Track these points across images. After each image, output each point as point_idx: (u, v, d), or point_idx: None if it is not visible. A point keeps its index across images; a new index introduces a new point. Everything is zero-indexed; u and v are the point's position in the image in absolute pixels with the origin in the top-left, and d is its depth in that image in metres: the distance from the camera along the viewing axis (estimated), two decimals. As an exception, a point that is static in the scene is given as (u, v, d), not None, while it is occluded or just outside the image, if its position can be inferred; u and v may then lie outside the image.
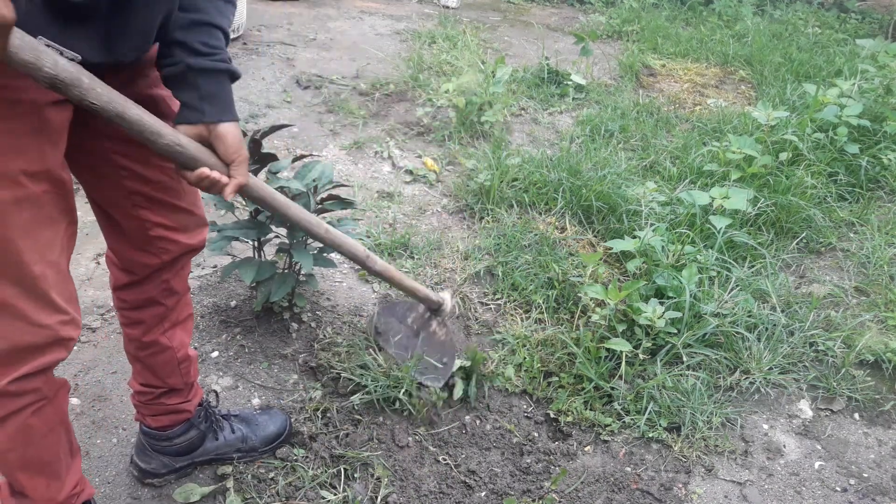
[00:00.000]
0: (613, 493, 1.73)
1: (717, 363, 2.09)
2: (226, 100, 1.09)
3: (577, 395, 1.98)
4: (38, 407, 1.14)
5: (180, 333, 1.46)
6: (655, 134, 3.58)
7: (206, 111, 1.07)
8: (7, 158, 0.94)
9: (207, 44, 1.05)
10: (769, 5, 6.51)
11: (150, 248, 1.29)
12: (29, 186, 0.97)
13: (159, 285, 1.36)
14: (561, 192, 2.82)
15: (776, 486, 1.79)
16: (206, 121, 1.07)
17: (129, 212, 1.23)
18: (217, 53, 1.07)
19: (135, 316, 1.39)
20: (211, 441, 1.64)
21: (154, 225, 1.26)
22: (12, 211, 0.96)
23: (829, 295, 2.50)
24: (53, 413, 1.19)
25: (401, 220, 2.76)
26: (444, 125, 3.54)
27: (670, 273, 2.27)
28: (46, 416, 1.16)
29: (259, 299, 2.08)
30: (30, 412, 1.13)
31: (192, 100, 1.06)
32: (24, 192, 0.97)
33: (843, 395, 2.08)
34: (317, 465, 1.69)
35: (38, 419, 1.15)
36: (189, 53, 1.04)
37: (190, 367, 1.51)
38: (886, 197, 3.17)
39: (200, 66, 1.05)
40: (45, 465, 1.22)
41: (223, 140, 1.09)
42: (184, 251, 1.33)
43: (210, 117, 1.07)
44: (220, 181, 1.10)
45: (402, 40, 4.90)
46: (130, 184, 1.20)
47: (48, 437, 1.20)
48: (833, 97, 3.37)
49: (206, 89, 1.06)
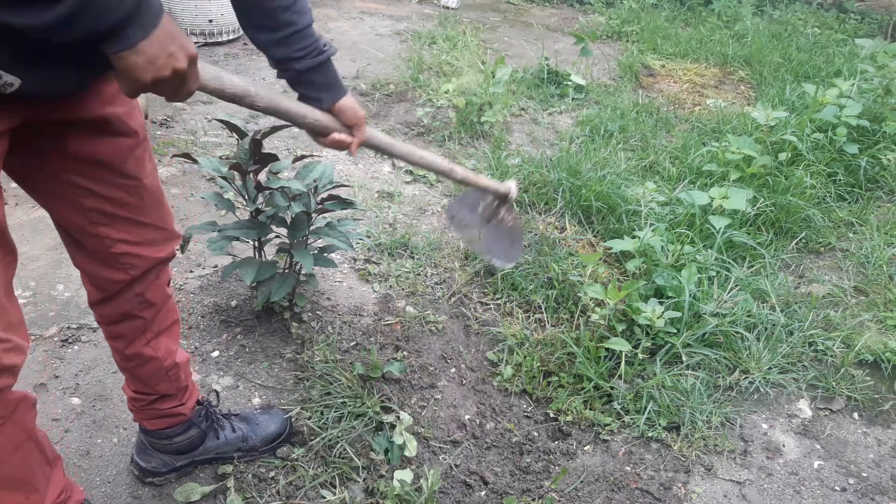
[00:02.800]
0: (613, 493, 1.73)
1: (717, 363, 2.10)
2: (334, 82, 1.27)
3: (576, 394, 1.98)
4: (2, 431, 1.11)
5: (165, 341, 1.44)
6: (655, 134, 3.59)
7: (324, 98, 1.26)
8: None
9: (303, 48, 1.22)
10: (768, 6, 6.51)
11: (114, 264, 1.27)
12: None
13: (133, 299, 1.33)
14: (561, 192, 2.83)
15: (775, 486, 1.80)
16: (324, 106, 1.27)
17: (87, 230, 1.21)
18: (312, 51, 1.23)
19: (114, 330, 1.38)
20: (211, 440, 1.64)
21: (116, 241, 1.24)
22: None
23: (829, 295, 2.51)
24: (15, 430, 1.15)
25: (401, 220, 2.76)
26: (444, 125, 3.55)
27: (670, 273, 2.28)
28: (8, 434, 1.14)
29: (259, 299, 2.08)
30: None
31: (310, 92, 1.26)
32: None
33: (843, 394, 2.08)
34: (317, 464, 1.69)
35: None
36: (294, 62, 1.22)
37: (179, 373, 1.49)
38: (885, 197, 3.17)
39: (304, 67, 1.23)
40: (19, 481, 1.20)
41: (343, 113, 1.29)
42: (152, 265, 1.31)
43: (328, 102, 1.27)
44: (346, 140, 1.31)
45: (403, 41, 4.90)
46: (88, 202, 1.18)
47: (16, 454, 1.17)
48: (832, 97, 3.37)
49: (316, 82, 1.25)
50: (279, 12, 1.16)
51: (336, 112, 1.28)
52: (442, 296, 2.35)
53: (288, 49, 1.21)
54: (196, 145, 3.11)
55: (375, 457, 1.70)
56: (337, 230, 1.97)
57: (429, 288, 2.38)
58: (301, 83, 1.26)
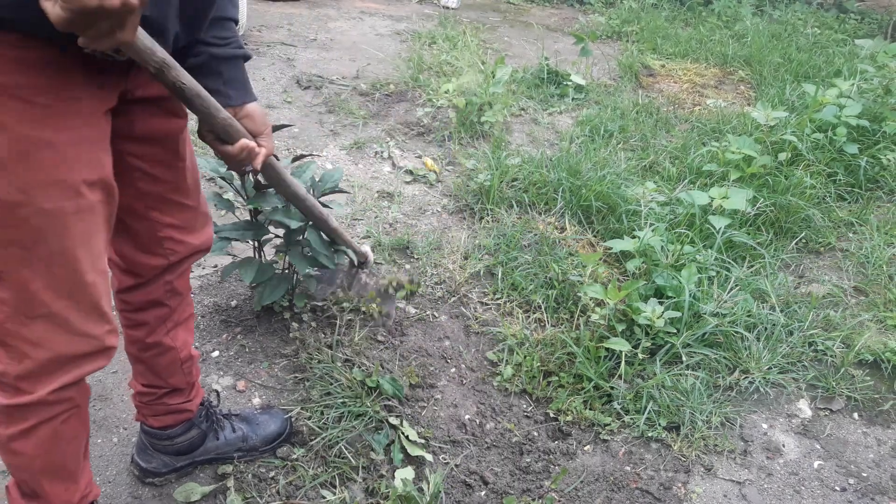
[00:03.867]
0: (613, 493, 1.73)
1: (717, 363, 2.10)
2: (245, 81, 1.20)
3: (576, 394, 1.98)
4: (68, 415, 1.15)
5: (183, 333, 1.47)
6: (655, 134, 3.59)
7: (233, 95, 1.17)
8: (72, 168, 0.95)
9: (223, 37, 1.15)
10: (768, 6, 6.52)
11: (158, 249, 1.30)
12: (88, 196, 0.99)
13: (162, 287, 1.37)
14: (561, 192, 2.83)
15: (775, 486, 1.80)
16: (232, 104, 1.18)
17: (141, 213, 1.25)
18: (232, 42, 1.16)
19: (138, 318, 1.40)
20: (212, 440, 1.64)
21: (164, 226, 1.28)
22: (74, 221, 0.98)
23: (829, 295, 2.51)
24: (79, 421, 1.20)
25: (401, 220, 2.76)
26: (444, 125, 3.55)
27: (670, 273, 2.28)
28: (73, 423, 1.18)
29: (257, 300, 2.08)
30: (60, 420, 1.14)
31: (218, 85, 1.16)
32: (84, 201, 0.98)
33: (843, 394, 2.08)
34: (317, 464, 1.69)
35: (66, 427, 1.16)
36: (211, 46, 1.14)
37: (192, 367, 1.52)
38: (885, 197, 3.17)
39: (222, 54, 1.15)
40: (67, 470, 1.24)
41: (252, 117, 1.20)
42: (190, 252, 1.35)
43: (236, 101, 1.18)
44: (255, 150, 1.22)
45: (403, 41, 4.90)
46: (143, 185, 1.22)
47: (72, 443, 1.21)
48: (832, 97, 3.37)
49: (228, 75, 1.16)
50: None
51: (243, 115, 1.20)
52: (442, 296, 2.35)
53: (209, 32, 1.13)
54: (195, 145, 3.12)
55: (375, 457, 1.71)
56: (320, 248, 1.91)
57: (429, 288, 2.38)
58: (211, 74, 1.15)
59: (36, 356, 1.04)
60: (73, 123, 0.95)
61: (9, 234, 0.96)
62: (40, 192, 0.93)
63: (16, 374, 1.06)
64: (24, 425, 1.11)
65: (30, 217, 0.94)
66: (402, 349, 2.09)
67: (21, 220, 0.95)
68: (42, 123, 0.92)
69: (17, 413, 1.10)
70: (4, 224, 0.95)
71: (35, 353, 1.04)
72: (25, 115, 0.91)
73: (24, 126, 0.91)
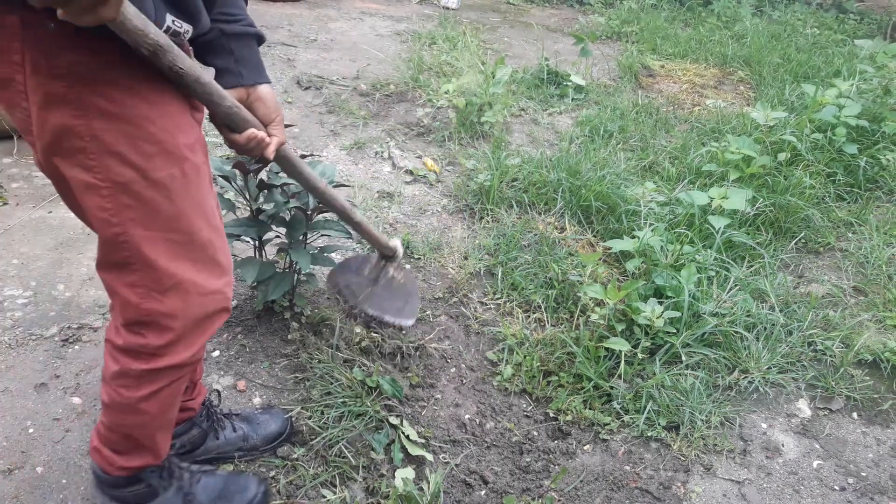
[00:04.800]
0: (612, 492, 1.73)
1: (716, 362, 2.10)
2: (258, 62, 1.14)
3: (576, 394, 1.98)
4: (187, 375, 1.21)
5: None
6: (654, 134, 3.59)
7: (244, 74, 1.12)
8: (172, 135, 0.98)
9: (231, 13, 1.11)
10: (768, 6, 6.52)
11: None
12: (191, 158, 1.02)
13: None
14: (560, 193, 2.83)
15: (775, 485, 1.80)
16: (244, 83, 1.12)
17: None
18: (244, 19, 1.12)
19: None
20: (212, 440, 1.65)
21: None
22: (183, 185, 1.00)
23: (828, 294, 2.51)
24: (181, 385, 1.25)
25: (401, 220, 2.77)
26: (444, 125, 3.55)
27: (669, 273, 2.28)
28: (178, 386, 1.23)
29: (259, 298, 2.08)
30: (181, 381, 1.20)
31: (229, 64, 1.11)
32: (188, 164, 1.01)
33: (842, 394, 2.09)
34: (317, 464, 1.70)
35: (181, 385, 1.23)
36: (221, 22, 1.10)
37: (200, 365, 1.56)
38: (885, 197, 3.17)
39: (232, 31, 1.10)
40: (170, 425, 1.31)
41: (263, 101, 1.14)
42: None
43: (248, 80, 1.12)
44: (265, 140, 1.15)
45: (403, 41, 4.91)
46: None
47: (177, 399, 1.27)
48: (831, 98, 3.38)
49: (239, 53, 1.11)
50: None
51: (254, 100, 1.15)
52: (442, 296, 2.35)
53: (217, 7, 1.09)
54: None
55: (376, 456, 1.71)
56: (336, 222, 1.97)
57: (429, 288, 2.38)
58: (222, 49, 1.11)
59: (176, 326, 1.08)
60: (159, 98, 0.98)
61: (129, 214, 0.99)
62: (150, 163, 0.96)
63: (158, 345, 1.10)
64: (153, 387, 1.16)
65: (143, 191, 0.97)
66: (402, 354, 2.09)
67: (136, 195, 0.98)
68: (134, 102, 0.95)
69: (149, 377, 1.14)
70: (123, 206, 0.98)
71: (174, 323, 1.08)
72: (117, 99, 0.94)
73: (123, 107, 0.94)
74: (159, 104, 0.98)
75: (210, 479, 1.49)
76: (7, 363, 1.92)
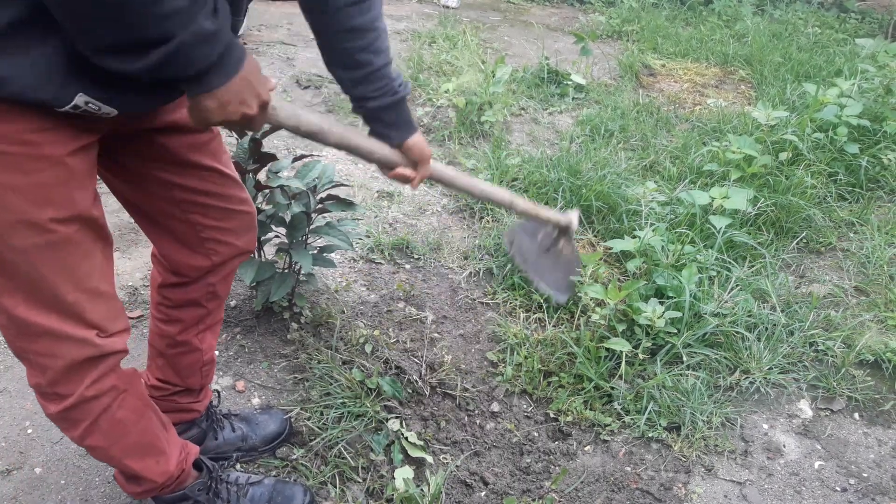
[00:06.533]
0: (613, 493, 1.73)
1: (717, 363, 2.10)
2: (406, 120, 1.29)
3: (576, 394, 1.98)
4: (120, 401, 1.20)
5: (210, 337, 1.50)
6: (655, 134, 3.58)
7: (393, 136, 1.28)
8: (36, 209, 0.97)
9: (377, 88, 1.24)
10: (769, 5, 6.51)
11: (200, 249, 1.33)
12: (59, 230, 1.01)
13: (204, 288, 1.40)
14: (561, 192, 2.82)
15: (776, 486, 1.79)
16: (393, 143, 1.29)
17: (179, 217, 1.28)
18: (387, 91, 1.24)
19: (174, 314, 1.42)
20: (211, 440, 1.64)
21: (206, 227, 1.31)
22: (47, 253, 1.01)
23: (829, 295, 2.51)
24: (135, 400, 1.24)
25: (401, 220, 2.76)
26: (444, 125, 3.54)
27: (670, 273, 2.27)
28: (130, 406, 1.23)
29: (259, 299, 2.08)
30: (115, 408, 1.19)
31: (380, 128, 1.28)
32: (55, 236, 1.01)
33: (843, 394, 2.08)
34: (317, 464, 1.69)
35: (124, 411, 1.21)
36: (367, 101, 1.25)
37: (210, 370, 1.55)
38: (886, 197, 3.17)
39: (377, 106, 1.25)
40: (147, 447, 1.30)
41: (411, 150, 1.30)
42: (234, 254, 1.38)
43: (396, 140, 1.29)
44: (409, 175, 1.32)
45: (403, 40, 4.90)
46: (181, 195, 1.25)
47: (140, 422, 1.26)
48: (833, 97, 3.37)
49: (387, 120, 1.27)
50: (356, 52, 1.21)
51: (405, 149, 1.31)
52: (442, 296, 2.35)
53: (363, 88, 1.24)
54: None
55: (375, 457, 1.70)
56: (337, 229, 1.97)
57: (429, 288, 2.38)
58: (373, 120, 1.29)
59: (54, 365, 1.09)
60: (34, 167, 0.95)
61: None
62: (10, 231, 0.97)
63: (47, 383, 1.12)
64: (84, 424, 1.17)
65: (3, 252, 0.98)
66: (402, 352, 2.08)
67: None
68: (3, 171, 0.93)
69: (70, 416, 1.16)
70: None
71: (52, 363, 1.09)
72: None
73: None
74: (33, 174, 0.95)
75: (257, 490, 1.52)
76: (6, 363, 1.91)
